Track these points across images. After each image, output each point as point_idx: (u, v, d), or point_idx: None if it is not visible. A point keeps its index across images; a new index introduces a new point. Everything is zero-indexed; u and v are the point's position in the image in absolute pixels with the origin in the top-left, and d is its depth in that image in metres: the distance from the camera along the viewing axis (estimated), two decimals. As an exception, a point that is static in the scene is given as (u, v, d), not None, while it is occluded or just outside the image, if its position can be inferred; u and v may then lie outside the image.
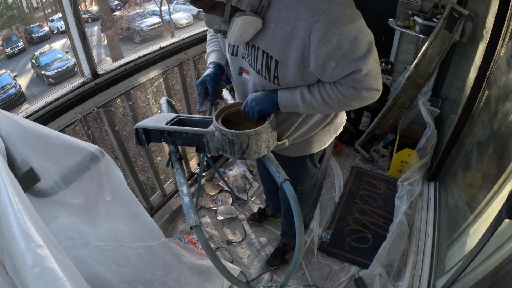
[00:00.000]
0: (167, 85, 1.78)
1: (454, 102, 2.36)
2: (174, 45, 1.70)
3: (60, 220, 0.81)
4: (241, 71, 0.97)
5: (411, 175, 2.04)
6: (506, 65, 1.46)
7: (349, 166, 2.34)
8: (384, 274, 1.56)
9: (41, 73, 8.62)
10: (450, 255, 1.47)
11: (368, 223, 1.91)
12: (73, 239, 0.84)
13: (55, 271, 0.35)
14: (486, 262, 1.03)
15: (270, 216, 1.88)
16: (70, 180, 0.78)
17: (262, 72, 0.88)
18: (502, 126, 1.39)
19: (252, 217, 1.90)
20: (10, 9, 9.87)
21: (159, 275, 1.01)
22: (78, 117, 1.30)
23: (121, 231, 0.92)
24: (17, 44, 9.49)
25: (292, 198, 0.79)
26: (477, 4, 2.12)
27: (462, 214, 1.55)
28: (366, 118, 2.44)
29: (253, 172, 2.23)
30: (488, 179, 1.39)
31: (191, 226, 0.74)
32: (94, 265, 0.86)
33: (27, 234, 0.38)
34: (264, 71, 0.87)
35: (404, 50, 2.80)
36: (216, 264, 0.77)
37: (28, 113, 1.15)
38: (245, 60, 0.92)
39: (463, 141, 1.81)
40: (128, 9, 10.44)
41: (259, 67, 0.88)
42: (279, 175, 0.84)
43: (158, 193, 1.97)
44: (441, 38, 2.10)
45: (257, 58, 0.86)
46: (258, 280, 1.63)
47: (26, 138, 0.67)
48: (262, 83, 0.91)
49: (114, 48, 8.33)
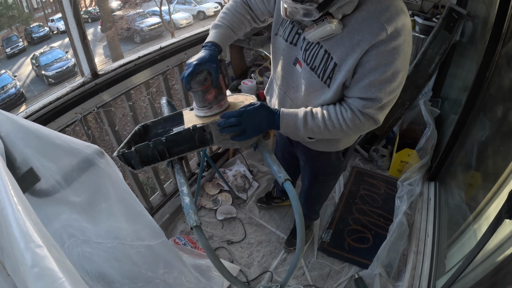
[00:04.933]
0: (167, 85, 1.78)
1: (454, 102, 2.36)
2: (174, 45, 1.70)
3: (62, 218, 0.81)
4: (296, 61, 0.97)
5: (411, 175, 2.04)
6: (506, 65, 1.46)
7: (349, 166, 2.34)
8: (384, 274, 1.56)
9: (41, 73, 8.61)
10: (450, 255, 1.47)
11: (368, 223, 1.91)
12: (75, 236, 0.84)
13: (54, 271, 0.35)
14: (486, 262, 1.03)
15: (276, 198, 1.96)
16: (71, 179, 0.78)
17: (318, 70, 0.90)
18: (502, 126, 1.39)
19: (260, 200, 2.01)
20: (10, 9, 9.87)
21: (160, 273, 1.02)
22: (78, 117, 1.30)
23: (122, 229, 0.92)
24: (17, 44, 9.48)
25: (294, 198, 0.79)
26: (477, 4, 2.12)
27: (462, 214, 1.55)
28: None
29: (253, 172, 2.23)
30: (488, 179, 1.39)
31: (191, 226, 0.74)
32: (96, 261, 0.86)
33: (26, 234, 0.38)
34: (320, 69, 0.89)
35: (404, 50, 2.79)
36: (216, 264, 0.77)
37: (28, 113, 1.15)
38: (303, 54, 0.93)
39: (463, 141, 1.81)
40: (128, 9, 10.44)
41: (316, 64, 0.89)
42: (281, 175, 0.83)
43: (158, 193, 1.97)
44: (440, 38, 2.10)
45: (317, 56, 0.88)
46: (258, 280, 1.63)
47: (26, 138, 0.67)
48: (312, 80, 0.92)
49: (114, 48, 8.34)
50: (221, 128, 0.85)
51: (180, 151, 0.88)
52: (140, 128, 0.98)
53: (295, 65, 0.98)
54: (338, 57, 0.85)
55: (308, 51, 0.91)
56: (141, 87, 1.61)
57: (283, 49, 0.99)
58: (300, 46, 0.94)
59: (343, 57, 0.84)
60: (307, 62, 0.92)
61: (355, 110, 0.87)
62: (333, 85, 0.89)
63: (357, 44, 0.80)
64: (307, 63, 0.92)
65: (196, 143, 0.88)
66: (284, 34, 0.97)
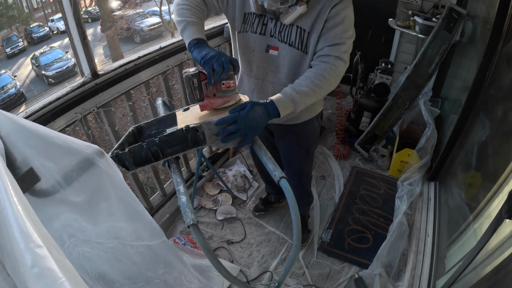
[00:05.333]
0: (167, 85, 1.78)
1: (454, 102, 2.36)
2: (174, 45, 1.70)
3: (62, 218, 0.81)
4: (268, 48, 1.13)
5: (411, 175, 2.04)
6: (506, 65, 1.46)
7: (349, 166, 2.34)
8: (384, 274, 1.56)
9: (41, 73, 8.62)
10: (450, 255, 1.47)
11: (368, 223, 1.91)
12: (75, 236, 0.84)
13: (54, 271, 0.35)
14: (486, 262, 1.03)
15: (274, 202, 1.94)
16: (71, 179, 0.78)
17: (296, 44, 1.08)
18: (502, 126, 1.39)
19: (256, 208, 1.96)
20: (10, 9, 9.88)
21: (160, 273, 1.02)
22: (78, 117, 1.30)
23: (122, 229, 0.92)
24: (17, 44, 9.49)
25: (290, 195, 0.79)
26: (477, 4, 2.12)
27: (462, 214, 1.55)
28: (366, 118, 2.44)
29: (253, 172, 2.23)
30: (488, 179, 1.39)
31: (188, 225, 0.74)
32: (96, 261, 0.86)
33: (26, 234, 0.38)
34: (297, 42, 1.08)
35: (404, 50, 2.80)
36: (213, 262, 0.77)
37: (28, 113, 1.15)
38: (274, 37, 1.10)
39: (463, 141, 1.81)
40: (128, 9, 10.44)
41: (293, 40, 1.08)
42: (276, 173, 0.83)
43: (158, 193, 1.97)
44: (440, 38, 2.09)
45: (291, 33, 1.07)
46: (258, 279, 1.63)
47: (26, 138, 0.67)
48: (293, 54, 1.09)
49: (114, 48, 8.34)
50: (221, 138, 0.86)
51: (174, 152, 0.88)
52: (134, 129, 0.99)
53: (267, 51, 1.13)
54: (309, 27, 1.05)
55: (282, 33, 1.08)
56: (141, 87, 1.61)
57: (253, 41, 1.13)
58: (270, 33, 1.10)
59: (312, 25, 1.04)
60: (285, 41, 1.09)
61: (326, 59, 1.03)
62: (310, 49, 1.07)
63: (321, 11, 1.02)
64: (285, 42, 1.09)
65: (189, 144, 0.87)
66: (252, 28, 1.12)
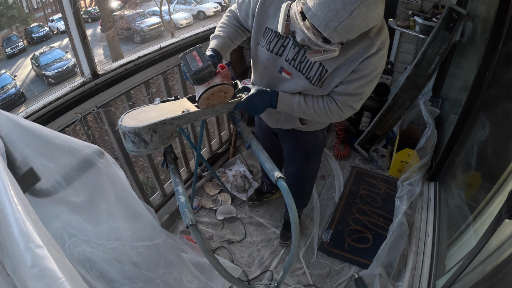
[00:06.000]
0: (167, 85, 1.78)
1: (454, 102, 2.36)
2: (174, 45, 1.70)
3: (62, 218, 0.81)
4: (282, 70, 1.08)
5: (411, 175, 2.04)
6: (506, 65, 1.46)
7: (349, 166, 2.34)
8: (384, 274, 1.56)
9: (41, 73, 8.61)
10: (450, 255, 1.47)
11: (368, 223, 1.91)
12: (76, 236, 0.84)
13: (54, 271, 0.35)
14: (486, 262, 1.03)
15: (267, 192, 1.99)
16: (71, 179, 0.78)
17: (313, 79, 1.02)
18: (502, 126, 1.39)
19: (250, 198, 2.02)
20: (10, 9, 9.87)
21: (160, 273, 1.02)
22: (78, 117, 1.30)
23: (122, 230, 0.92)
24: (17, 44, 9.48)
25: (287, 195, 0.80)
26: (477, 4, 2.12)
27: (462, 214, 1.55)
28: (366, 118, 2.44)
29: (253, 172, 2.23)
30: (488, 179, 1.39)
31: (187, 225, 0.74)
32: (96, 261, 0.87)
33: (26, 234, 0.38)
34: (315, 78, 1.02)
35: (404, 50, 2.80)
36: (212, 262, 0.77)
37: (28, 113, 1.15)
38: (291, 64, 1.04)
39: (463, 141, 1.81)
40: (128, 9, 10.43)
41: (311, 75, 1.02)
42: (273, 173, 0.86)
43: (158, 193, 1.97)
44: (440, 38, 2.09)
45: (312, 68, 1.01)
46: (259, 279, 1.63)
47: (26, 138, 0.67)
48: (307, 87, 1.04)
49: (114, 48, 8.34)
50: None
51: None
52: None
53: (281, 72, 1.08)
54: (332, 68, 0.98)
55: (302, 64, 1.02)
56: (141, 87, 1.61)
57: (267, 59, 1.08)
58: (286, 57, 1.04)
59: (336, 68, 0.98)
60: (302, 72, 1.03)
61: (339, 103, 1.03)
62: (326, 87, 1.03)
63: (351, 58, 0.94)
64: (302, 73, 1.03)
65: None
66: (267, 45, 1.06)
